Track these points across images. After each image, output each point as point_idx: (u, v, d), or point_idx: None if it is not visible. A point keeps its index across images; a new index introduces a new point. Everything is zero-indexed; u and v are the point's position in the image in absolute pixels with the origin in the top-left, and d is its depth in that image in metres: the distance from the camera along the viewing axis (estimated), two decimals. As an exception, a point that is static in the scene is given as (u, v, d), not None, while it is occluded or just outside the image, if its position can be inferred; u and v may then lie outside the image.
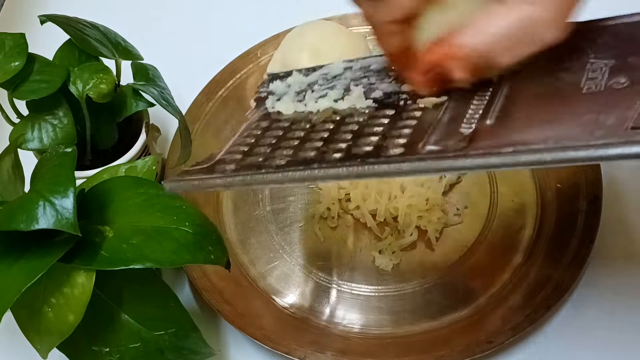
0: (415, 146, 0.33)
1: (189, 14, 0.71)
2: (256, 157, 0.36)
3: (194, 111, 0.59)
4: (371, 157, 0.33)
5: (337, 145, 0.35)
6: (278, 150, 0.36)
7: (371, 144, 0.34)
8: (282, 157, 0.35)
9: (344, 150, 0.34)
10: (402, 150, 0.33)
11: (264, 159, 0.35)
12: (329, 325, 0.50)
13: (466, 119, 0.33)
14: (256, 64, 0.62)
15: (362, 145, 0.34)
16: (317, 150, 0.35)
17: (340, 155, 0.34)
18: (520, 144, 0.30)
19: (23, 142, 0.47)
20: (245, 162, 0.36)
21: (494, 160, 0.30)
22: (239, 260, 0.53)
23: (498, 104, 0.34)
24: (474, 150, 0.31)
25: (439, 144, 0.32)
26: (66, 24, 0.49)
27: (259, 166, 0.35)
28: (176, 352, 0.42)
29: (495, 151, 0.30)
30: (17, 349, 0.47)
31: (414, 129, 0.34)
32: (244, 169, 0.35)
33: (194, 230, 0.40)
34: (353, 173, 0.33)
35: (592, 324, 0.48)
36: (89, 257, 0.38)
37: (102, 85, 0.48)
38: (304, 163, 0.34)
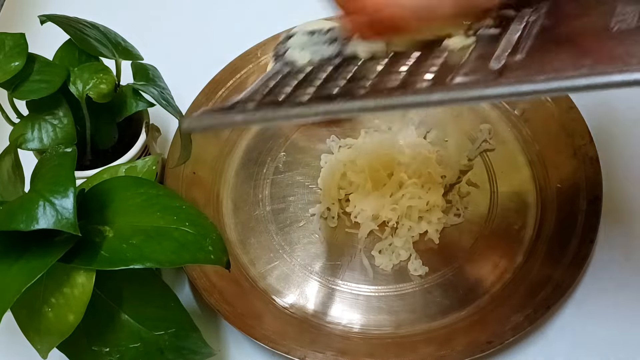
0: (444, 80, 0.31)
1: (189, 14, 0.71)
2: (277, 96, 0.34)
3: (194, 111, 0.59)
4: (398, 90, 0.31)
5: (361, 82, 0.33)
6: (301, 89, 0.34)
7: (397, 79, 0.32)
8: (305, 95, 0.33)
9: (369, 87, 0.32)
10: (430, 84, 0.31)
11: (286, 97, 0.34)
12: (329, 325, 0.50)
13: (496, 56, 0.32)
14: (256, 64, 0.62)
15: (387, 81, 0.32)
16: (341, 87, 0.33)
17: (364, 91, 0.32)
18: (553, 71, 0.29)
19: (23, 142, 0.47)
20: (265, 100, 0.34)
21: (526, 88, 0.29)
22: (239, 260, 0.53)
23: (528, 42, 0.33)
24: (505, 79, 0.30)
25: (469, 76, 0.31)
26: (66, 24, 0.49)
27: (279, 103, 0.33)
28: (176, 352, 0.42)
29: (527, 79, 0.29)
30: (17, 349, 0.47)
31: (442, 66, 0.33)
32: (264, 106, 0.33)
33: (194, 230, 0.40)
34: (380, 105, 0.31)
35: (593, 324, 0.48)
36: (89, 257, 0.38)
37: (102, 85, 0.48)
38: (328, 98, 0.32)
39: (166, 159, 0.56)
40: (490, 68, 0.31)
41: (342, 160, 0.56)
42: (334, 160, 0.57)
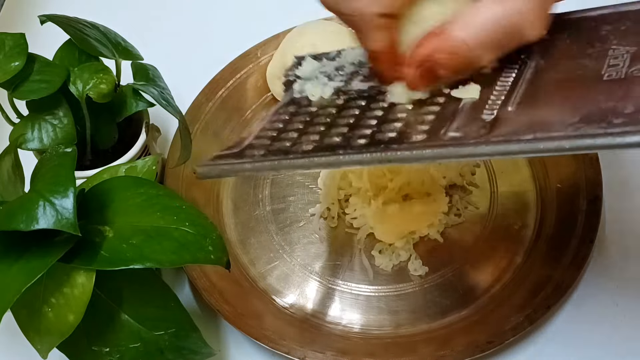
0: (437, 133, 0.33)
1: (189, 14, 0.71)
2: (284, 142, 0.36)
3: (194, 111, 0.59)
4: (394, 143, 0.34)
5: (361, 131, 0.35)
6: (305, 136, 0.36)
7: (395, 130, 0.34)
8: (309, 143, 0.36)
9: (369, 136, 0.35)
10: (424, 137, 0.33)
11: (292, 144, 0.36)
12: (329, 325, 0.50)
13: (488, 105, 0.34)
14: (256, 64, 0.62)
15: (386, 131, 0.35)
16: (343, 136, 0.36)
17: (364, 141, 0.34)
18: (540, 130, 0.30)
19: (23, 142, 0.47)
20: (273, 147, 0.36)
21: (514, 147, 0.31)
22: (239, 260, 0.53)
23: (520, 90, 0.34)
24: (495, 137, 0.31)
25: (460, 130, 0.33)
26: (66, 24, 0.49)
27: (286, 151, 0.36)
28: (176, 352, 0.42)
29: (515, 138, 0.31)
30: (17, 349, 0.47)
31: (437, 116, 0.34)
32: (272, 154, 0.36)
33: (194, 230, 0.40)
34: (376, 159, 0.34)
35: (593, 324, 0.48)
36: (89, 257, 0.38)
37: (102, 85, 0.48)
38: (329, 149, 0.35)
39: (166, 159, 0.56)
40: (482, 120, 0.33)
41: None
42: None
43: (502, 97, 0.34)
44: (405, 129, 0.34)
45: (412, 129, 0.34)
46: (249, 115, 0.61)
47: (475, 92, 0.35)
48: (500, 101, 0.34)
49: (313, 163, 0.35)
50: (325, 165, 0.35)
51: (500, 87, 0.35)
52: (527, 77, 0.35)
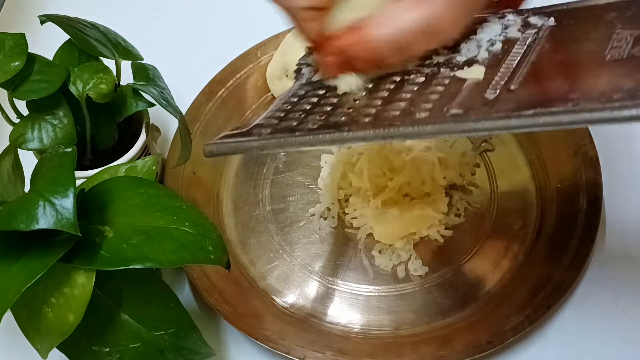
0: (440, 110, 0.34)
1: (189, 14, 0.71)
2: (290, 122, 0.37)
3: (194, 111, 0.59)
4: (397, 120, 0.34)
5: (366, 110, 0.36)
6: (311, 116, 0.37)
7: (399, 109, 0.35)
8: (315, 122, 0.36)
9: (373, 115, 0.35)
10: (427, 115, 0.34)
11: (298, 123, 0.37)
12: (329, 325, 0.50)
13: (492, 85, 0.34)
14: (256, 64, 0.62)
15: (390, 110, 0.35)
16: (348, 115, 0.36)
17: (369, 119, 0.35)
18: (540, 106, 0.31)
19: (23, 142, 0.47)
20: (280, 126, 0.37)
21: (514, 122, 0.31)
22: (239, 260, 0.53)
23: (524, 71, 0.35)
24: (496, 113, 0.32)
25: (463, 107, 0.33)
26: (66, 24, 0.49)
27: (292, 129, 0.36)
28: (176, 352, 0.42)
29: (516, 113, 0.31)
30: (17, 349, 0.47)
31: (441, 95, 0.35)
32: (278, 132, 0.36)
33: (194, 230, 0.40)
34: (380, 134, 0.34)
35: (593, 323, 0.48)
36: (89, 257, 0.38)
37: (102, 85, 0.48)
38: (334, 126, 0.35)
39: (166, 159, 0.56)
40: (484, 98, 0.33)
41: (341, 160, 0.56)
42: (334, 160, 0.57)
43: (505, 77, 0.35)
44: (409, 107, 0.35)
45: (415, 107, 0.35)
46: (249, 115, 0.61)
47: (480, 73, 0.36)
48: (503, 81, 0.34)
49: (317, 140, 0.35)
50: (329, 141, 0.36)
51: (504, 68, 0.36)
52: (530, 59, 0.36)
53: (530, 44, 0.37)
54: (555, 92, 0.32)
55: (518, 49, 0.37)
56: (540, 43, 0.37)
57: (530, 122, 0.31)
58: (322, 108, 0.38)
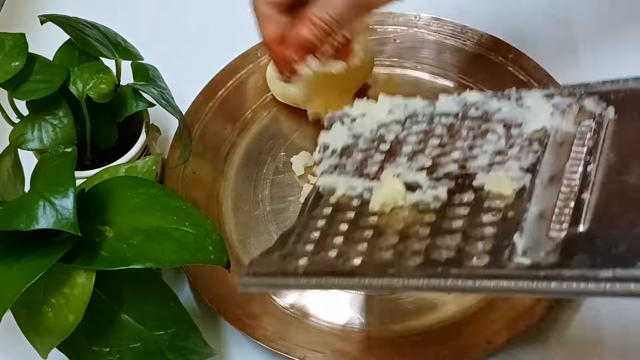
0: (501, 254, 0.30)
1: (188, 14, 0.71)
2: (329, 252, 0.34)
3: (194, 111, 0.59)
4: (453, 265, 0.31)
5: (414, 244, 0.33)
6: (352, 245, 0.34)
7: (451, 247, 0.32)
8: (357, 255, 0.33)
9: (422, 252, 0.32)
10: (487, 260, 0.30)
11: (338, 256, 0.34)
12: (329, 325, 0.50)
13: (555, 216, 0.31)
14: (256, 64, 0.62)
15: (441, 247, 0.32)
16: (393, 249, 0.33)
17: (419, 260, 0.32)
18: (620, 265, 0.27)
19: (23, 142, 0.47)
20: (317, 258, 0.34)
21: (592, 288, 0.27)
22: (239, 260, 0.53)
23: (591, 199, 0.31)
24: (569, 271, 0.28)
25: (528, 255, 0.29)
26: (66, 24, 0.49)
27: (332, 265, 0.33)
28: (176, 352, 0.42)
29: (593, 275, 0.27)
30: (17, 349, 0.47)
31: (498, 227, 0.31)
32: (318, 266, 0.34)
33: (194, 230, 0.40)
34: (435, 286, 0.31)
35: (593, 323, 0.48)
36: (89, 257, 0.39)
37: (102, 85, 0.48)
38: (380, 266, 0.32)
39: (166, 159, 0.56)
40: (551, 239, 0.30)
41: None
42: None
43: (570, 204, 0.31)
44: (464, 245, 0.31)
45: (471, 247, 0.31)
46: (249, 115, 0.61)
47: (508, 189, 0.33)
48: (569, 210, 0.31)
49: (363, 285, 0.32)
50: (377, 288, 0.33)
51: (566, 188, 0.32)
52: (598, 179, 0.31)
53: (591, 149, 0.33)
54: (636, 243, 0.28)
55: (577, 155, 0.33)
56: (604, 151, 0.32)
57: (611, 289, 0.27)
58: (362, 233, 0.34)
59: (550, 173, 0.33)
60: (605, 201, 0.30)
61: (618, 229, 0.29)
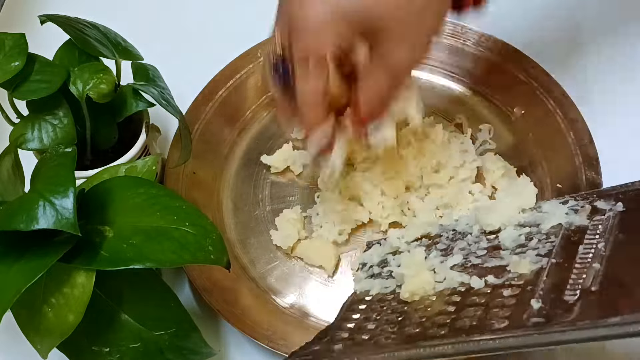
0: (520, 317, 0.32)
1: (188, 14, 0.71)
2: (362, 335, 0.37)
3: (194, 111, 0.59)
4: (476, 331, 0.33)
5: (440, 319, 0.35)
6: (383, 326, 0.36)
7: (474, 317, 0.34)
8: (388, 335, 0.35)
9: (448, 325, 0.34)
10: (506, 324, 0.32)
11: (370, 337, 0.36)
12: (329, 325, 0.50)
13: (570, 285, 0.33)
14: (256, 64, 0.62)
15: (464, 317, 0.34)
16: (421, 325, 0.35)
17: (444, 331, 0.34)
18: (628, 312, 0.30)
19: (23, 142, 0.47)
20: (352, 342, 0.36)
21: (602, 332, 0.30)
22: (239, 260, 0.53)
23: (602, 268, 0.34)
24: (581, 321, 0.30)
25: (543, 314, 0.32)
26: (66, 24, 0.49)
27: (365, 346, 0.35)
28: (176, 352, 0.42)
29: (602, 322, 0.30)
30: (17, 349, 0.47)
31: (517, 299, 0.34)
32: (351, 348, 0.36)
33: (194, 230, 0.40)
34: (461, 350, 0.33)
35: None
36: (89, 257, 0.38)
37: (102, 85, 0.48)
38: (409, 341, 0.34)
39: (166, 159, 0.56)
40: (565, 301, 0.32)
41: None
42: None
43: (583, 275, 0.34)
44: (485, 314, 0.33)
45: (492, 315, 0.33)
46: (249, 115, 0.61)
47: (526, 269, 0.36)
48: (581, 280, 0.33)
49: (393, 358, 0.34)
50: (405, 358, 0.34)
51: (580, 264, 0.34)
52: (607, 253, 0.35)
53: (602, 233, 0.36)
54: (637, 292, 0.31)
55: (590, 240, 0.36)
56: (612, 233, 0.36)
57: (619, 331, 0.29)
58: (392, 316, 0.37)
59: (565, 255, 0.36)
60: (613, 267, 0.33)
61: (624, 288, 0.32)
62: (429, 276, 0.39)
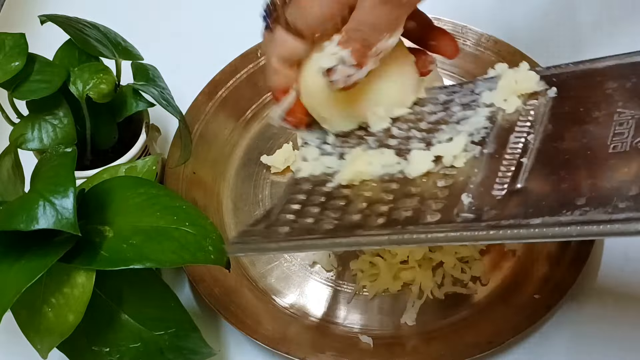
0: (451, 212, 0.34)
1: (189, 14, 0.71)
2: (306, 219, 0.38)
3: (194, 111, 0.59)
4: (410, 223, 0.34)
5: (379, 208, 0.36)
6: (327, 212, 0.37)
7: (410, 208, 0.35)
8: (331, 221, 0.37)
9: (386, 214, 0.36)
10: (438, 217, 0.34)
11: (314, 221, 0.37)
12: (329, 325, 0.50)
13: (499, 178, 0.35)
14: (256, 64, 0.62)
15: (402, 208, 0.35)
16: (362, 213, 0.36)
17: (382, 220, 0.35)
18: (548, 214, 0.31)
19: (23, 142, 0.47)
20: (297, 225, 0.37)
21: (524, 233, 0.31)
22: (239, 260, 0.53)
23: (529, 163, 0.35)
24: (505, 221, 0.32)
25: (472, 210, 0.33)
26: (66, 24, 0.49)
27: (309, 230, 0.37)
28: (176, 352, 0.42)
29: (525, 222, 0.31)
30: (17, 349, 0.47)
31: (450, 191, 0.35)
32: (296, 232, 0.37)
33: (194, 230, 0.40)
34: (394, 241, 0.34)
35: (593, 323, 0.49)
36: (89, 257, 0.38)
37: (102, 85, 0.48)
38: (350, 228, 0.36)
39: (166, 159, 0.56)
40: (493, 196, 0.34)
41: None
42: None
43: (511, 167, 0.35)
44: (420, 206, 0.35)
45: (426, 207, 0.35)
46: (249, 115, 0.61)
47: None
48: (510, 173, 0.34)
49: (334, 244, 0.36)
50: (346, 245, 0.36)
51: (509, 155, 0.36)
52: (536, 146, 0.36)
53: (533, 122, 0.37)
54: (563, 195, 0.32)
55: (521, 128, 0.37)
56: (543, 123, 0.36)
57: (539, 233, 0.31)
58: (336, 202, 0.38)
59: (496, 145, 0.36)
60: (540, 164, 0.35)
61: (549, 185, 0.33)
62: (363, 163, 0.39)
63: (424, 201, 0.35)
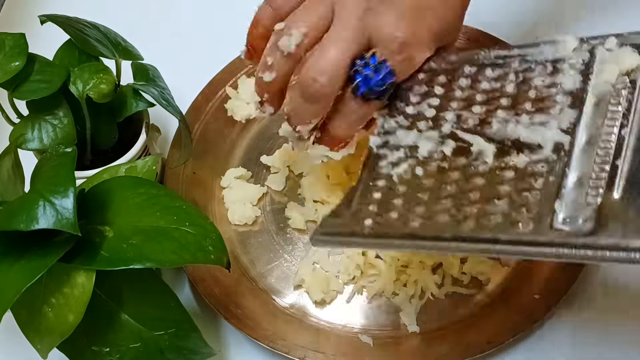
0: (544, 221, 0.32)
1: (189, 14, 0.71)
2: (391, 214, 0.37)
3: (194, 111, 0.59)
4: (501, 231, 0.33)
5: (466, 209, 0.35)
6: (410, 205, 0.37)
7: (500, 212, 0.33)
8: (415, 217, 0.36)
9: (474, 216, 0.34)
10: (531, 227, 0.32)
11: (399, 216, 0.36)
12: (329, 326, 0.50)
13: (592, 181, 0.32)
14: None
15: (490, 213, 0.34)
16: (448, 212, 0.35)
17: (471, 224, 0.34)
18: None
19: (23, 142, 0.47)
20: (381, 220, 0.37)
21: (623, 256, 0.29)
22: (239, 260, 0.53)
23: (625, 165, 0.31)
24: (604, 240, 0.30)
25: (567, 223, 0.31)
26: (66, 24, 0.49)
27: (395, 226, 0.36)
28: (176, 352, 0.42)
29: (624, 244, 0.29)
30: (17, 349, 0.47)
31: (542, 195, 0.33)
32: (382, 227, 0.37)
33: (194, 230, 0.40)
34: (484, 250, 0.33)
35: (592, 324, 0.48)
36: (89, 257, 0.39)
37: (102, 85, 0.48)
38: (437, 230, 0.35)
39: (166, 159, 0.56)
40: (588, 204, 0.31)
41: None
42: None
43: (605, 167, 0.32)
44: (511, 211, 0.33)
45: (518, 213, 0.33)
46: (249, 115, 0.61)
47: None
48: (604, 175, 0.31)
49: (422, 246, 0.35)
50: (434, 249, 0.36)
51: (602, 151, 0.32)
52: (631, 144, 0.32)
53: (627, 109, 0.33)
54: None
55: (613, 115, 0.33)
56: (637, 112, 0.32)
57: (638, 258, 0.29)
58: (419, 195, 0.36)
59: (587, 136, 0.33)
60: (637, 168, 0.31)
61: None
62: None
63: (514, 206, 0.33)
